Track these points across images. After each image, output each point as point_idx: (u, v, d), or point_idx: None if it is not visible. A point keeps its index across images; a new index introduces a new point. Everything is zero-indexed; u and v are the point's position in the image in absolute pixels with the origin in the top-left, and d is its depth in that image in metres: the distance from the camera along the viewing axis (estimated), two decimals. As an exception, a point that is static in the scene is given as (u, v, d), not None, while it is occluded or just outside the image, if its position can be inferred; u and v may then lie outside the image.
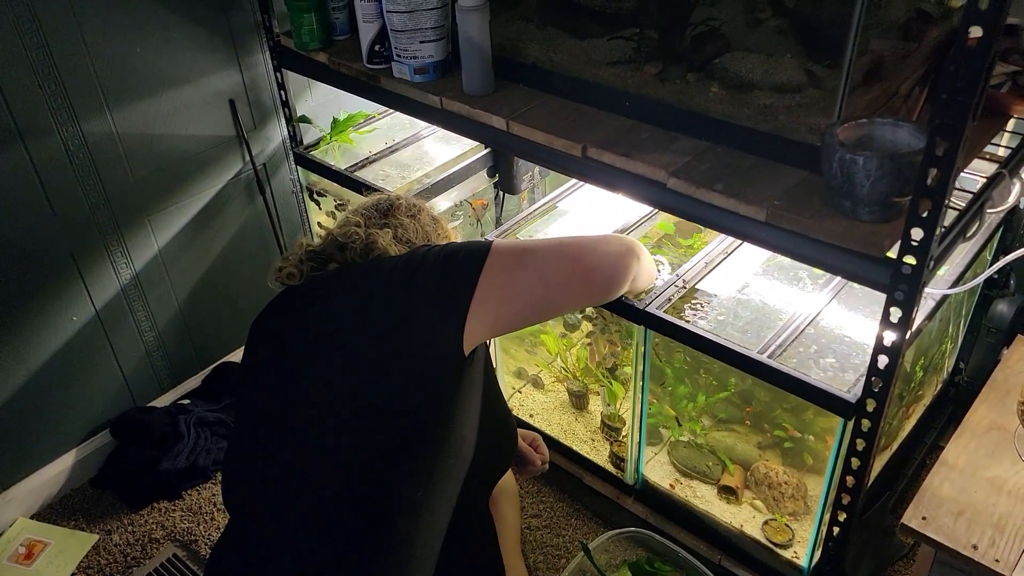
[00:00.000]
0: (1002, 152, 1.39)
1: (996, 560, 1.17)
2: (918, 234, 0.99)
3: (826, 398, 1.22)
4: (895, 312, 1.08)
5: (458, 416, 1.08)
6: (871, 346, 1.13)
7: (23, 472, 1.85)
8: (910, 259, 1.02)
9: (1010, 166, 1.27)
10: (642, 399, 1.53)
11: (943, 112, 0.89)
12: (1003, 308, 1.63)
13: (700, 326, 1.36)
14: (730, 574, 1.54)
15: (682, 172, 1.23)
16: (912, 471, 1.72)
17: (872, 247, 1.05)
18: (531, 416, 1.86)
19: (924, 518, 1.23)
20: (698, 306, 1.45)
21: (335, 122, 2.06)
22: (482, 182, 1.99)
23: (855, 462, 1.24)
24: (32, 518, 1.85)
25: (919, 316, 1.17)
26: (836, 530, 1.34)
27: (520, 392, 1.91)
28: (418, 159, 2.02)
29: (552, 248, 1.13)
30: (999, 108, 1.26)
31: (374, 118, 2.14)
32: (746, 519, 1.54)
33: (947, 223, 1.08)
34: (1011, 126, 1.38)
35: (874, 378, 1.15)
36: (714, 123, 1.27)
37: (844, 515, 1.32)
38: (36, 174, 1.63)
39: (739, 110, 1.24)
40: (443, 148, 2.05)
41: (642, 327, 1.43)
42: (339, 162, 2.00)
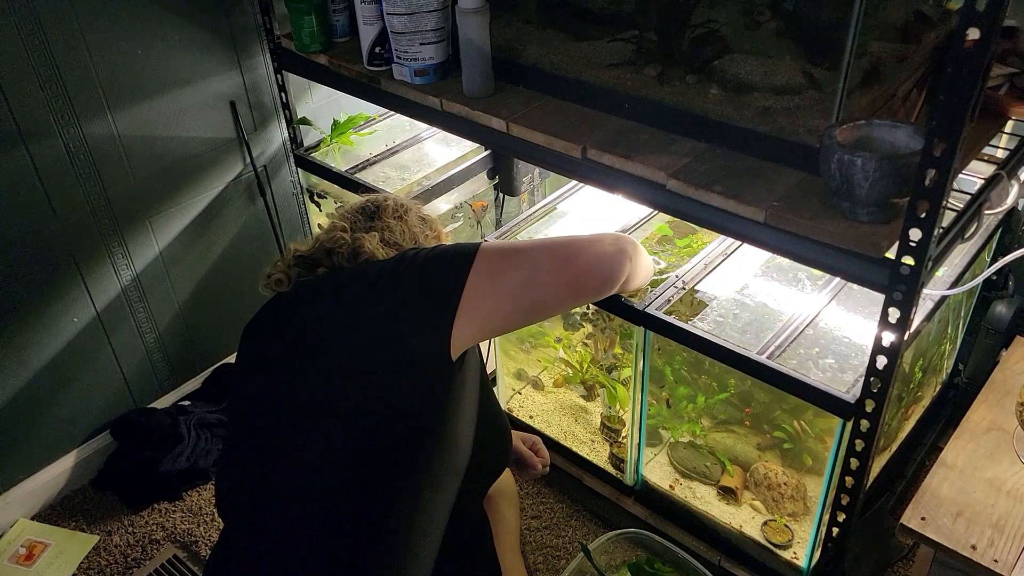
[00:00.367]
0: (1000, 154, 1.40)
1: (995, 560, 1.17)
2: (916, 235, 1.00)
3: (825, 399, 1.23)
4: (893, 312, 1.08)
5: (450, 422, 1.06)
6: (870, 347, 1.13)
7: (24, 473, 1.85)
8: (908, 259, 1.02)
9: (1008, 168, 1.28)
10: (641, 400, 1.54)
11: (940, 113, 0.90)
12: (1002, 309, 1.63)
13: (699, 327, 1.37)
14: (729, 575, 1.54)
15: (681, 173, 1.23)
16: (911, 472, 1.73)
17: (870, 248, 1.06)
18: (531, 418, 1.86)
19: (923, 518, 1.24)
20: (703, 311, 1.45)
21: (335, 124, 2.06)
22: (482, 184, 1.99)
23: (854, 462, 1.24)
24: (33, 519, 1.86)
25: (918, 317, 1.18)
26: (835, 531, 1.35)
27: (520, 394, 1.91)
28: (418, 161, 2.02)
29: (542, 249, 1.11)
30: (997, 110, 1.27)
31: (374, 120, 2.15)
32: (745, 520, 1.54)
33: (945, 224, 1.08)
34: (1009, 128, 1.38)
35: (873, 378, 1.15)
36: (713, 125, 1.28)
37: (843, 516, 1.32)
38: (37, 175, 1.63)
39: (738, 112, 1.25)
40: (443, 150, 2.05)
41: (641, 328, 1.43)
42: (339, 164, 2.00)
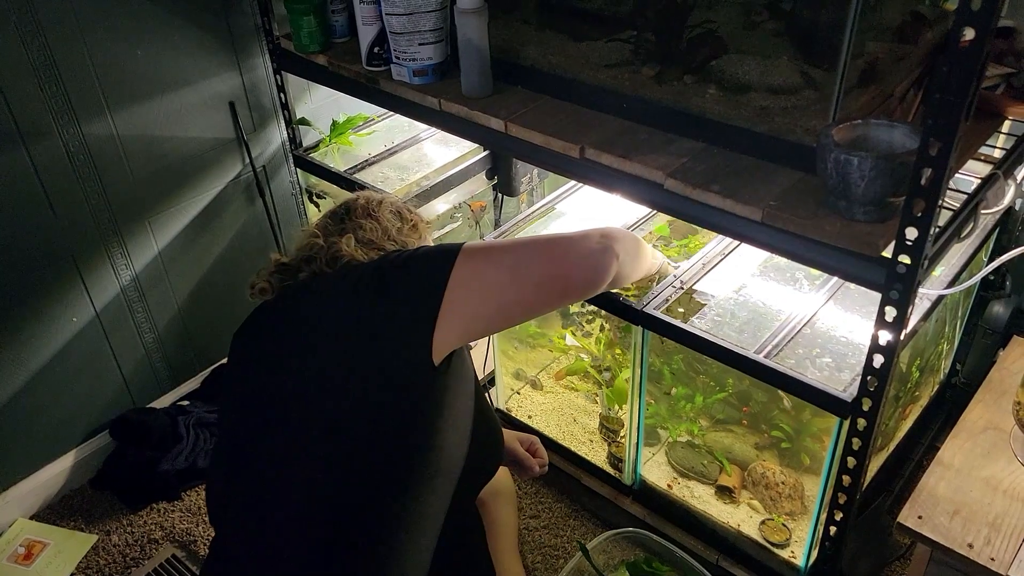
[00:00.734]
0: (997, 153, 1.40)
1: (992, 559, 1.17)
2: (912, 233, 1.00)
3: (822, 397, 1.23)
4: (890, 311, 1.08)
5: (438, 427, 1.04)
6: (867, 346, 1.14)
7: (22, 473, 1.85)
8: (905, 258, 1.03)
9: (1004, 167, 1.28)
10: (640, 400, 1.54)
11: (936, 112, 0.90)
12: (999, 309, 1.63)
13: (697, 326, 1.37)
14: (727, 574, 1.55)
15: (679, 173, 1.24)
16: (908, 471, 1.73)
17: (867, 247, 1.06)
18: (529, 417, 1.86)
19: (920, 517, 1.24)
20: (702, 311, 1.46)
21: (334, 124, 2.07)
22: (481, 184, 1.99)
23: (851, 461, 1.25)
24: (31, 518, 1.86)
25: (914, 316, 1.18)
26: (833, 530, 1.35)
27: (519, 393, 1.92)
28: (417, 161, 2.03)
29: (525, 248, 1.08)
30: (994, 110, 1.27)
31: (373, 120, 2.15)
32: (743, 519, 1.55)
33: (941, 223, 1.09)
34: (1006, 127, 1.39)
35: (870, 377, 1.16)
36: (711, 124, 1.28)
37: (841, 515, 1.32)
38: (37, 176, 1.64)
39: (736, 112, 1.25)
40: (442, 150, 2.06)
41: (640, 328, 1.44)
42: (338, 164, 2.00)
